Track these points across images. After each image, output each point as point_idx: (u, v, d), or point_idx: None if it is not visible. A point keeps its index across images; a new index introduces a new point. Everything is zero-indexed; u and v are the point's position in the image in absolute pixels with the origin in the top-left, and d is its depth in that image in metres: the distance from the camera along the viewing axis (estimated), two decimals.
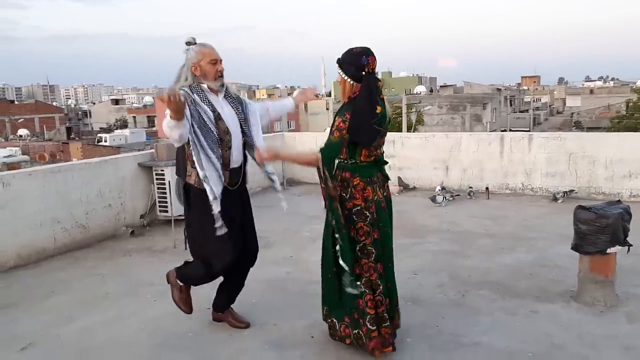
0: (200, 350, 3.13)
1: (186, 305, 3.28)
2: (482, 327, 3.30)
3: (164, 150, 6.23)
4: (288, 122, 44.71)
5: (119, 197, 5.85)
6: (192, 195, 3.06)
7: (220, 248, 3.02)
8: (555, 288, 3.91)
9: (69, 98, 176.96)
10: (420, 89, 45.27)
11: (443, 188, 7.20)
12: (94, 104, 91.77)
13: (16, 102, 68.10)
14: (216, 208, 2.92)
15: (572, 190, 6.89)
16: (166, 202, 6.09)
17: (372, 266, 2.82)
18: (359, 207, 2.81)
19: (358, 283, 2.80)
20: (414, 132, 19.71)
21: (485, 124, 39.66)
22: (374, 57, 2.77)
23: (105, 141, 39.69)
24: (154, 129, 49.65)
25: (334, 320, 2.99)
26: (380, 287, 2.86)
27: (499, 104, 48.77)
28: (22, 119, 48.16)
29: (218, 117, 2.97)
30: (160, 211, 6.18)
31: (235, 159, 3.09)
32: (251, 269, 3.37)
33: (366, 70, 2.74)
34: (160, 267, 4.43)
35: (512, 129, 38.70)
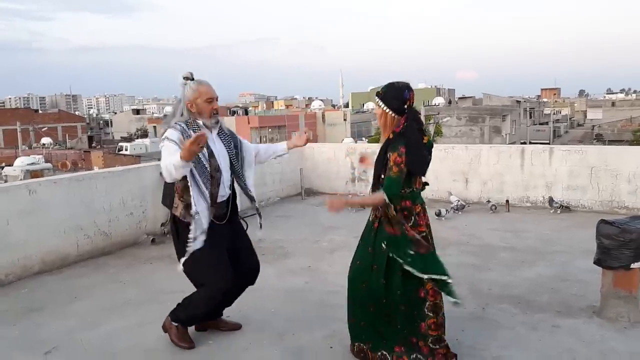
0: (221, 359, 3.15)
1: (186, 342, 3.29)
2: (503, 341, 3.27)
3: None
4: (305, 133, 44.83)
5: (141, 205, 5.94)
6: (179, 227, 3.13)
7: (216, 275, 3.09)
8: (577, 303, 3.86)
9: (91, 107, 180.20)
10: (439, 100, 45.21)
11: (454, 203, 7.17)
12: (115, 113, 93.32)
13: (40, 112, 69.59)
14: (197, 244, 2.99)
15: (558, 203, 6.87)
16: None
17: (436, 290, 2.88)
18: (424, 234, 2.89)
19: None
20: None
21: (505, 136, 39.33)
22: (414, 92, 2.87)
23: (126, 150, 40.31)
24: None
25: (384, 353, 2.94)
26: (443, 310, 2.93)
27: (518, 116, 48.37)
28: (46, 128, 49.11)
29: (210, 155, 3.04)
30: None
31: (222, 194, 3.15)
32: (271, 278, 3.40)
33: (408, 104, 2.84)
34: (180, 275, 4.48)
35: (532, 141, 38.32)
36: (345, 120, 44.38)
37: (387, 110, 2.86)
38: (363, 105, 61.53)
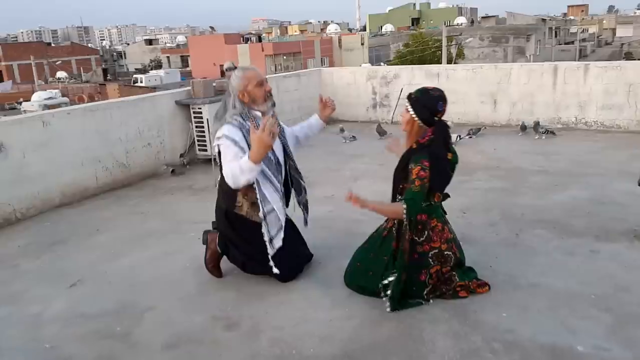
0: (247, 287, 3.07)
1: (216, 270, 3.20)
2: (539, 268, 3.13)
3: (201, 87, 6.08)
4: (322, 59, 43.75)
5: (158, 135, 5.79)
6: (240, 225, 2.98)
7: (287, 263, 3.02)
8: (616, 227, 3.66)
9: (103, 39, 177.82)
10: (461, 20, 43.30)
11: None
12: (128, 44, 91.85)
13: (53, 45, 68.81)
14: (277, 244, 2.92)
15: (537, 124, 6.52)
16: (205, 141, 6.01)
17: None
18: (436, 250, 2.74)
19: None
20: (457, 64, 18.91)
21: (529, 57, 37.86)
22: (447, 103, 2.70)
23: (141, 82, 39.91)
24: (188, 69, 49.59)
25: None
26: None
27: (543, 35, 46.37)
28: (60, 62, 48.75)
29: (270, 147, 2.81)
30: (199, 150, 6.12)
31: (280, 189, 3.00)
32: (295, 207, 3.27)
33: (439, 116, 2.67)
34: (202, 205, 4.39)
35: (557, 61, 36.80)
36: (362, 44, 42.95)
37: (416, 119, 2.66)
38: (381, 27, 59.33)
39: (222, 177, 2.90)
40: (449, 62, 24.24)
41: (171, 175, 5.70)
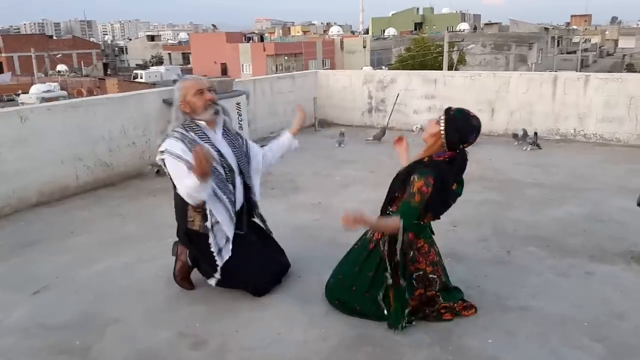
0: (219, 301, 2.90)
1: (187, 282, 3.05)
2: (530, 289, 2.96)
3: None
4: (323, 60, 43.61)
5: (144, 134, 5.61)
6: (197, 240, 2.83)
7: (255, 275, 2.89)
8: (613, 247, 3.50)
9: (106, 34, 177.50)
10: (464, 26, 43.16)
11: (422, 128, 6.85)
12: (130, 40, 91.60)
13: (55, 38, 68.57)
14: (225, 255, 2.79)
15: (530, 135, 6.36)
16: None
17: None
18: (421, 272, 2.58)
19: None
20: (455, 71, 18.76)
21: (530, 65, 37.77)
22: (479, 135, 2.55)
23: (141, 78, 39.73)
24: (189, 66, 49.41)
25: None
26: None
27: (545, 44, 46.35)
28: (60, 55, 48.50)
29: (220, 155, 2.75)
30: None
31: (238, 199, 2.88)
32: (279, 214, 3.13)
33: (465, 145, 2.53)
34: None
35: (558, 70, 36.72)
36: (364, 47, 42.79)
37: (442, 136, 2.47)
38: (384, 31, 59.18)
39: (175, 194, 2.80)
40: (450, 67, 24.09)
41: (156, 175, 5.52)
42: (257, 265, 2.91)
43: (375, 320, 2.61)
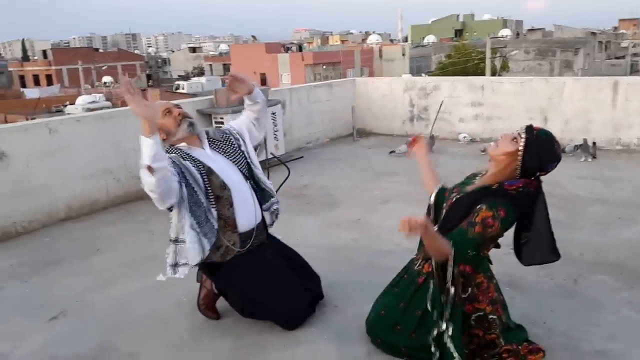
0: (247, 335, 2.60)
1: (212, 311, 2.80)
2: (607, 329, 2.53)
3: (224, 96, 5.69)
4: (362, 69, 43.29)
5: None
6: (217, 269, 2.61)
7: (286, 305, 2.59)
8: None
9: (150, 46, 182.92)
10: (506, 32, 42.06)
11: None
12: (173, 52, 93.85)
13: (101, 50, 70.93)
14: (180, 274, 2.60)
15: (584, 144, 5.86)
16: None
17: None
18: (481, 313, 2.20)
19: None
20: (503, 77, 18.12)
21: (577, 71, 36.32)
22: (557, 166, 2.22)
23: (183, 88, 40.44)
24: None
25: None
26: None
27: (592, 49, 44.54)
28: (106, 67, 49.97)
29: (209, 172, 2.47)
30: None
31: (246, 216, 2.56)
32: (313, 232, 2.81)
33: (541, 174, 2.20)
34: None
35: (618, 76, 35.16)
36: (403, 55, 42.21)
37: (519, 157, 2.11)
38: (423, 38, 58.45)
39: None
40: (493, 74, 23.35)
41: None
42: (289, 293, 2.60)
43: None
